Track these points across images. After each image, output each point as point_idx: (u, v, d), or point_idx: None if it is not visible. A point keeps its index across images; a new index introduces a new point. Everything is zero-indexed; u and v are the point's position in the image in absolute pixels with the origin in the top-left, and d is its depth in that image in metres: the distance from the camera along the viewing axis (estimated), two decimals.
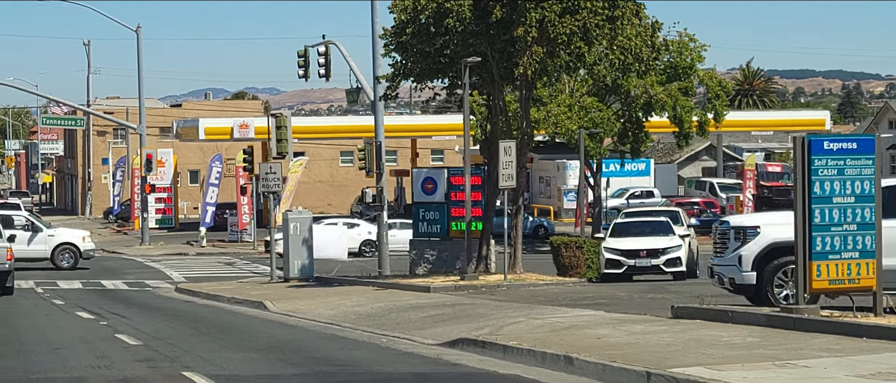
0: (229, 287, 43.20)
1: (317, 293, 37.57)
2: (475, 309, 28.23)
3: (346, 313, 30.23)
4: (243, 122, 79.00)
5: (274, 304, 33.81)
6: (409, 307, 30.14)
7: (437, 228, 44.60)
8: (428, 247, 44.80)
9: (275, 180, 46.25)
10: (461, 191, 43.36)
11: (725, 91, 71.05)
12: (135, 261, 61.10)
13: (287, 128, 46.36)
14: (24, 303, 37.46)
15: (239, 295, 37.80)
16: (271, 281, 45.33)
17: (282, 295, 37.31)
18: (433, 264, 44.61)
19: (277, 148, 46.22)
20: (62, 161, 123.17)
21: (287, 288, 41.06)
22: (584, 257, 43.32)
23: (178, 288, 44.29)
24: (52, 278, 50.01)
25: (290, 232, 44.22)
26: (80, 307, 35.36)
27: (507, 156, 36.79)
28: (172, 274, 52.40)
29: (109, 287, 46.43)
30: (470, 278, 36.47)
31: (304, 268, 44.10)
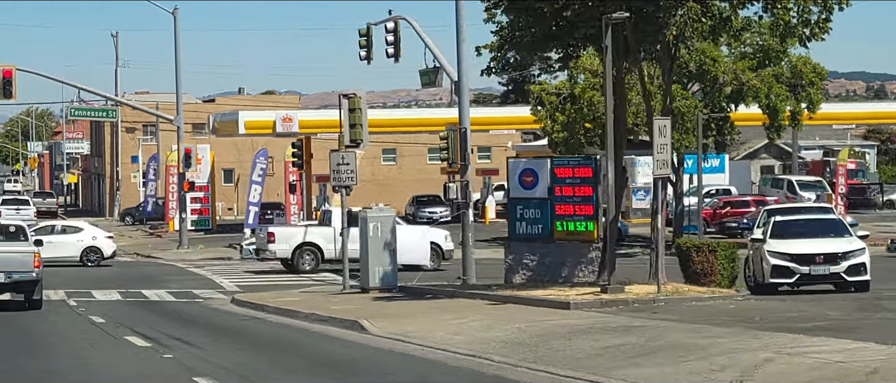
0: (298, 299, 35.49)
1: (416, 308, 29.82)
2: (665, 335, 20.53)
3: (481, 339, 22.48)
4: (286, 116, 71.22)
5: (374, 325, 26.03)
6: (566, 331, 22.40)
7: (538, 229, 36.76)
8: (527, 251, 36.98)
9: (348, 173, 38.48)
10: (567, 184, 35.78)
11: (821, 77, 63.02)
12: (174, 266, 53.35)
13: (361, 111, 38.54)
14: (56, 322, 29.80)
15: (320, 312, 30.02)
16: (344, 290, 37.61)
17: (373, 311, 29.53)
18: (533, 271, 36.83)
19: (350, 135, 38.40)
20: (88, 160, 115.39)
21: (372, 301, 33.30)
22: (717, 263, 35.49)
23: (235, 300, 36.56)
24: (86, 286, 42.33)
25: (369, 233, 36.46)
26: (128, 327, 27.64)
27: (661, 137, 29.05)
28: (222, 281, 44.64)
29: (153, 298, 38.71)
30: (614, 290, 28.62)
31: (386, 276, 36.36)
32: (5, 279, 32.39)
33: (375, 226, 36.51)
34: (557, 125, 61.83)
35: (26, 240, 33.62)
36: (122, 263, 55.39)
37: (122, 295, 39.34)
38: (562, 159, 38.48)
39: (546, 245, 36.55)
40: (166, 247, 65.64)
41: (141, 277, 46.84)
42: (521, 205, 37.02)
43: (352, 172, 38.46)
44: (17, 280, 32.54)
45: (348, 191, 38.93)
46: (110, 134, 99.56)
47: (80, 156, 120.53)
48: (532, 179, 37.16)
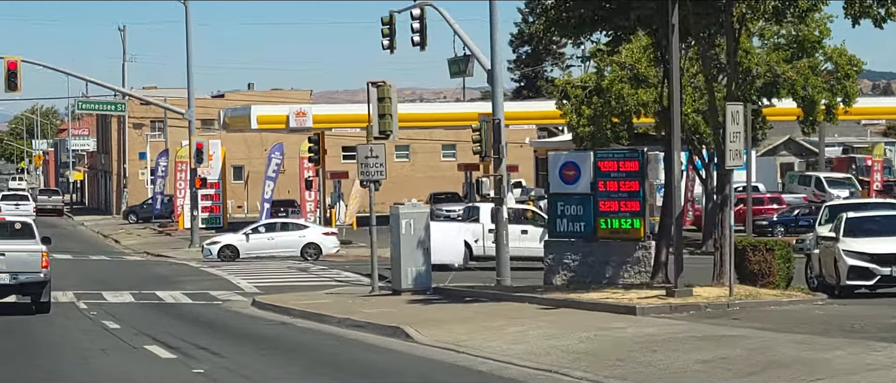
0: (325, 302, 32.69)
1: (460, 313, 26.99)
2: (772, 347, 17.82)
3: (547, 350, 19.67)
4: (300, 110, 68.33)
5: (420, 332, 23.19)
6: (644, 341, 19.59)
7: (581, 227, 33.96)
8: (568, 251, 34.17)
9: (377, 166, 35.67)
10: (612, 179, 33.09)
11: (857, 70, 60.06)
12: (187, 265, 50.49)
13: (391, 100, 35.72)
14: (66, 328, 27.01)
15: (354, 316, 27.18)
16: (373, 292, 34.81)
17: (412, 315, 26.71)
18: (575, 271, 34.01)
19: (380, 125, 35.58)
20: (94, 157, 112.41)
21: (406, 304, 30.48)
22: (775, 262, 32.67)
23: (257, 303, 33.74)
24: (96, 286, 39.54)
25: (401, 230, 33.65)
26: (146, 334, 24.85)
27: (734, 124, 26.28)
28: (239, 282, 41.80)
29: (168, 300, 35.88)
30: (682, 294, 25.73)
31: (419, 277, 33.53)
32: (11, 280, 29.62)
33: (408, 223, 33.71)
34: (584, 119, 58.89)
35: (33, 238, 30.80)
36: (132, 263, 52.61)
37: (134, 297, 36.54)
38: (606, 152, 35.65)
39: (589, 244, 33.81)
40: (177, 245, 62.80)
41: (154, 278, 44.05)
42: (562, 201, 34.25)
43: (381, 166, 35.67)
44: (23, 281, 29.77)
45: (377, 185, 36.15)
46: (117, 130, 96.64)
47: (86, 153, 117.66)
48: (574, 173, 34.38)
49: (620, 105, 56.71)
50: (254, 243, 53.62)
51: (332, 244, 54.19)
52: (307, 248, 53.62)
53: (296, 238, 54.13)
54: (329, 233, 54.99)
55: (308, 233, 54.56)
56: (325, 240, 54.18)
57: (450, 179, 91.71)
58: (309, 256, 53.11)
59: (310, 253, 53.48)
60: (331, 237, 54.66)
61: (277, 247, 53.65)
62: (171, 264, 51.94)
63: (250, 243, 53.47)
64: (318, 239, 54.09)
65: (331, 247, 53.92)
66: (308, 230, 54.90)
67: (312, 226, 55.92)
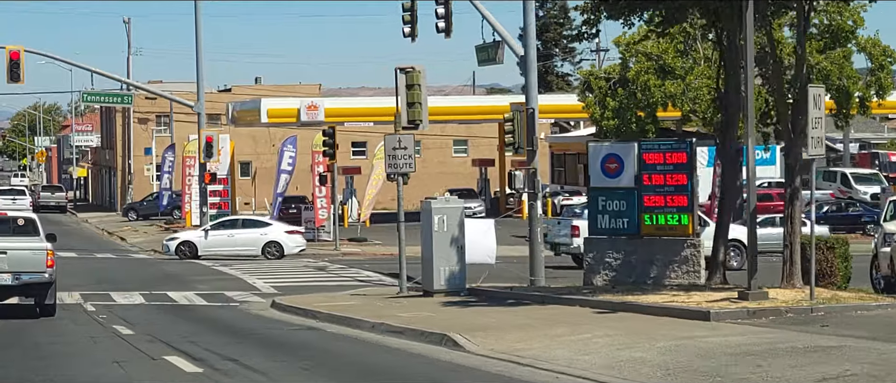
0: (352, 303, 30.06)
1: (508, 318, 24.33)
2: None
3: (624, 362, 17.06)
4: (312, 103, 65.72)
5: (471, 341, 20.54)
6: (736, 352, 17.01)
7: (624, 223, 31.38)
8: (610, 249, 31.56)
9: (405, 158, 33.06)
10: (658, 172, 30.59)
11: (892, 60, 57.38)
12: (198, 264, 47.77)
13: (421, 88, 33.09)
14: (74, 333, 24.37)
15: (391, 321, 24.52)
16: (401, 293, 32.21)
17: (455, 321, 24.07)
18: (617, 271, 31.43)
19: (409, 114, 32.96)
20: (98, 153, 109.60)
21: (442, 306, 27.84)
22: (836, 261, 30.06)
23: (277, 305, 31.08)
24: (103, 286, 36.92)
25: (433, 227, 30.98)
26: (163, 342, 22.22)
27: (816, 109, 23.61)
28: (255, 282, 39.14)
29: (182, 302, 33.25)
30: (756, 297, 23.06)
31: (453, 277, 30.87)
32: (13, 281, 26.97)
33: (441, 220, 31.06)
34: (609, 112, 56.23)
35: (37, 235, 28.16)
36: (139, 261, 49.97)
37: (145, 297, 33.91)
38: (652, 143, 33.01)
39: (632, 241, 31.25)
40: None
41: (163, 277, 41.40)
42: (604, 195, 31.64)
43: (410, 157, 33.08)
44: (27, 282, 27.13)
45: (405, 179, 33.53)
46: (122, 125, 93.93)
47: (90, 149, 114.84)
48: (617, 166, 31.76)
49: (647, 97, 54.09)
50: (213, 240, 51.08)
51: (294, 243, 51.24)
52: (268, 247, 50.81)
53: (257, 236, 51.36)
54: (293, 232, 52.15)
55: (270, 231, 51.68)
56: (288, 238, 51.27)
57: (461, 176, 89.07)
58: (270, 255, 50.40)
59: (271, 252, 50.65)
60: (295, 236, 51.79)
61: (237, 246, 50.90)
62: (180, 262, 49.29)
63: (209, 240, 50.89)
64: (281, 237, 51.22)
65: (293, 247, 51.00)
66: (270, 228, 52.05)
67: (275, 223, 53.09)
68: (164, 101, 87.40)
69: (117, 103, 67.19)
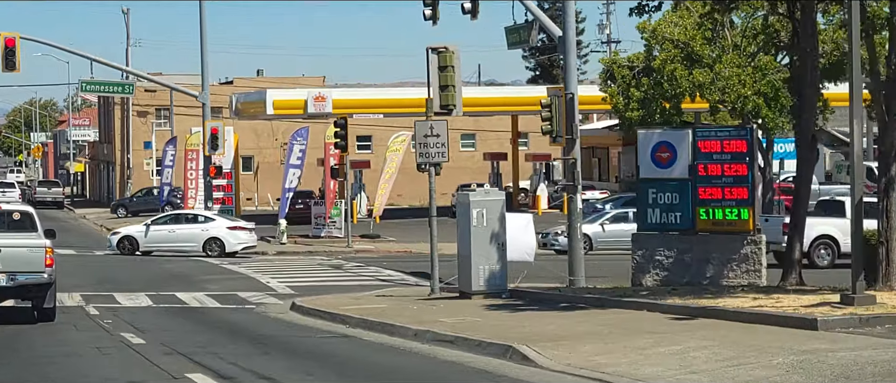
0: (381, 306, 26.94)
1: (571, 325, 21.19)
2: None
3: (743, 381, 13.92)
4: (319, 94, 62.42)
5: (542, 354, 17.42)
6: (880, 369, 13.84)
7: (676, 217, 28.46)
8: (661, 246, 28.61)
9: (438, 147, 29.97)
10: (715, 162, 27.74)
11: None
12: (204, 262, 44.54)
13: (454, 69, 29.96)
14: (78, 342, 21.23)
15: (434, 328, 21.38)
16: (433, 294, 29.10)
17: (509, 328, 20.98)
18: (669, 270, 28.48)
19: (441, 99, 29.83)
20: (96, 147, 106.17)
21: (486, 310, 24.74)
22: None
23: (298, 307, 27.93)
24: (105, 286, 33.77)
25: (471, 222, 27.83)
26: (180, 353, 19.11)
27: None
28: (269, 281, 35.96)
29: (193, 304, 30.09)
30: (863, 301, 19.92)
31: (493, 277, 27.73)
32: (8, 281, 23.87)
33: (480, 213, 27.90)
34: (633, 102, 52.96)
35: (35, 231, 25.00)
36: (142, 259, 46.76)
37: (152, 299, 30.74)
38: (707, 130, 29.99)
39: (686, 237, 28.25)
40: None
41: (169, 276, 38.22)
42: (655, 187, 28.67)
43: (443, 146, 30.00)
44: (23, 283, 24.01)
45: (438, 169, 30.39)
46: (121, 118, 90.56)
47: (87, 144, 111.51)
48: (669, 155, 28.78)
49: (673, 87, 50.90)
50: (153, 236, 48.14)
51: (237, 240, 48.01)
52: (210, 243, 47.74)
53: (198, 231, 48.24)
54: (237, 228, 48.86)
55: (212, 226, 48.55)
56: (230, 235, 48.06)
57: (469, 170, 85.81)
58: (211, 252, 47.33)
59: (212, 248, 47.56)
60: (239, 232, 48.49)
61: (178, 241, 48.02)
62: (185, 260, 46.09)
63: (150, 236, 47.94)
64: (223, 233, 48.03)
65: (236, 244, 47.85)
66: (213, 223, 48.91)
67: (219, 218, 49.89)
68: (164, 94, 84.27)
69: (118, 93, 63.95)
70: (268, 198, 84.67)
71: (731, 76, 48.84)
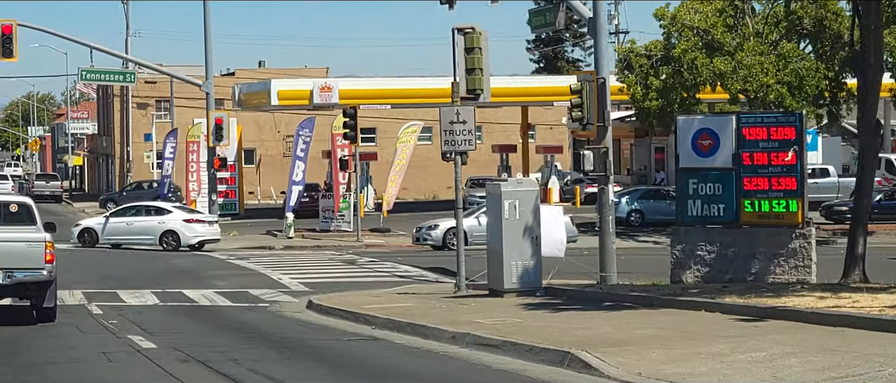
0: (407, 305, 24.88)
1: (625, 326, 19.08)
2: None
3: None
4: (325, 84, 60.28)
5: (605, 361, 15.33)
6: None
7: (719, 210, 26.50)
8: (703, 240, 26.63)
9: (465, 134, 27.80)
10: (761, 150, 25.90)
11: None
12: (212, 257, 42.41)
13: (482, 51, 27.85)
14: (81, 347, 19.13)
15: (475, 331, 19.26)
16: (460, 292, 27.05)
17: (559, 330, 18.89)
18: (711, 266, 26.54)
19: (468, 83, 27.71)
20: (95, 140, 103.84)
21: (525, 310, 22.66)
22: None
23: (316, 306, 25.85)
24: (107, 283, 31.68)
25: (504, 214, 25.70)
26: (196, 359, 17.03)
27: None
28: (281, 277, 33.84)
29: (202, 302, 27.97)
30: None
31: (526, 273, 25.63)
32: (4, 279, 21.80)
33: (512, 205, 25.78)
34: (652, 92, 50.93)
35: (34, 224, 22.91)
36: (144, 253, 44.63)
37: (158, 297, 28.63)
38: (753, 116, 27.90)
39: (729, 231, 26.24)
40: None
41: (175, 271, 36.10)
42: (696, 177, 26.67)
43: (469, 133, 27.81)
44: (21, 280, 21.92)
45: (464, 158, 28.26)
46: (120, 110, 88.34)
47: (86, 137, 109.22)
48: (711, 143, 26.78)
49: (694, 76, 48.82)
50: (112, 228, 46.66)
51: (193, 233, 46.42)
52: (166, 236, 46.26)
53: (155, 224, 46.73)
54: (193, 220, 47.26)
55: (168, 219, 47.03)
56: (186, 228, 46.51)
57: (475, 163, 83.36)
58: (168, 245, 45.89)
59: (169, 242, 46.10)
60: (195, 225, 46.89)
61: (135, 234, 46.52)
62: (190, 255, 44.00)
63: (108, 228, 46.53)
64: (178, 226, 46.48)
65: (191, 237, 46.28)
66: (169, 216, 47.39)
67: (176, 211, 48.38)
68: (164, 86, 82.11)
69: (119, 81, 61.72)
70: (271, 191, 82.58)
71: (754, 64, 46.81)
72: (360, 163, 59.08)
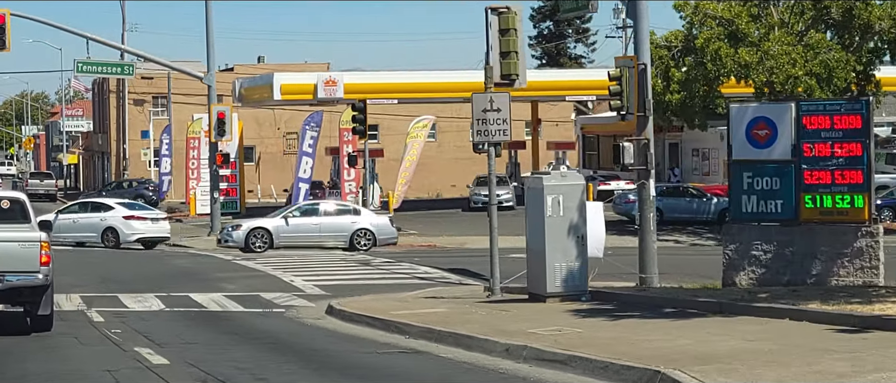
0: (438, 311, 22.39)
1: (704, 338, 16.55)
2: None
3: None
4: (330, 78, 57.60)
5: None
6: None
7: (777, 206, 24.10)
8: (757, 239, 24.24)
9: (499, 123, 25.27)
10: (823, 140, 23.83)
11: None
12: (216, 258, 39.80)
13: (517, 33, 25.31)
14: (80, 360, 16.66)
15: (534, 343, 16.73)
16: (494, 296, 24.54)
17: (628, 341, 16.35)
18: (767, 267, 24.18)
19: (503, 67, 25.18)
20: (90, 138, 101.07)
21: (577, 317, 20.12)
22: None
23: (337, 311, 23.32)
24: (107, 286, 29.10)
25: (546, 211, 23.12)
26: (217, 378, 14.43)
27: None
28: (292, 279, 31.22)
29: (212, 307, 25.39)
30: None
31: (571, 276, 23.06)
32: None
33: (556, 201, 23.21)
34: (674, 84, 48.42)
35: (27, 222, 20.36)
36: (144, 254, 42.08)
37: (163, 301, 26.05)
38: (815, 103, 25.44)
39: (787, 228, 23.80)
40: (193, 233, 51.98)
41: (179, 273, 33.49)
42: (751, 171, 24.27)
43: (504, 122, 25.25)
44: (14, 285, 19.37)
45: (498, 150, 25.73)
46: (116, 107, 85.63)
47: (81, 135, 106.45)
48: (767, 133, 24.38)
49: (718, 67, 46.30)
50: (59, 225, 44.41)
51: (131, 231, 44.75)
52: (107, 233, 44.70)
53: (97, 221, 45.10)
54: (134, 217, 45.39)
55: (109, 216, 45.28)
56: (124, 224, 44.80)
57: (480, 161, 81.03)
58: (108, 242, 44.36)
59: (109, 238, 44.57)
60: (134, 221, 45.11)
61: (80, 231, 44.98)
62: (192, 255, 41.42)
63: (56, 225, 44.03)
64: (118, 223, 44.76)
65: (130, 235, 44.64)
66: (111, 213, 45.67)
67: (118, 208, 46.49)
68: (161, 81, 79.52)
69: (117, 74, 58.95)
70: (271, 190, 79.96)
71: (781, 55, 44.34)
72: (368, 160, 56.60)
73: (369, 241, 42.92)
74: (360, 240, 42.93)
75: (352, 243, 42.76)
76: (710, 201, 53.31)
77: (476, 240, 46.41)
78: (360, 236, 42.98)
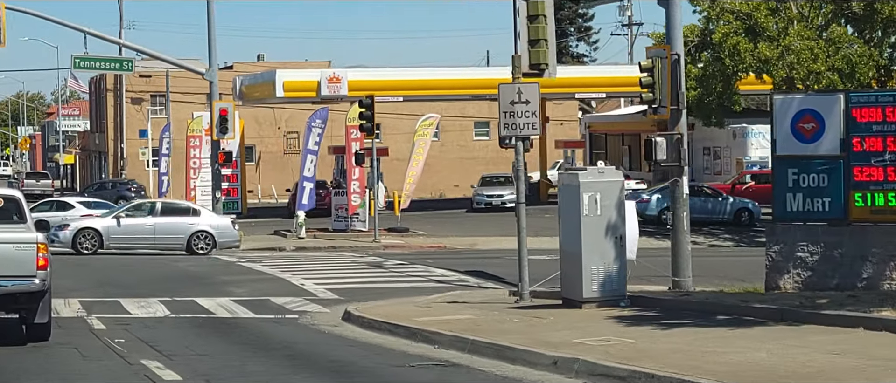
0: (466, 317, 20.66)
1: (778, 350, 14.85)
2: None
3: None
4: (333, 75, 55.88)
5: None
6: None
7: (824, 205, 22.45)
8: (803, 240, 22.54)
9: (528, 116, 23.54)
10: (875, 134, 22.69)
11: None
12: (220, 260, 37.94)
13: (547, 20, 23.57)
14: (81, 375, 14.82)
15: (585, 356, 15.00)
16: (522, 301, 22.81)
17: (694, 356, 14.65)
18: (814, 270, 22.50)
19: (531, 56, 23.47)
20: (87, 138, 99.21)
21: (621, 325, 18.40)
22: None
23: (355, 317, 21.58)
24: (108, 291, 27.33)
25: (582, 210, 21.35)
26: None
27: None
28: (303, 283, 29.40)
29: (221, 313, 23.61)
30: None
31: (609, 279, 21.29)
32: None
33: (592, 199, 21.45)
34: (690, 80, 46.56)
35: (23, 222, 18.61)
36: (145, 256, 40.26)
37: (168, 307, 24.27)
38: (865, 95, 23.71)
39: (836, 228, 22.12)
40: None
41: (183, 277, 31.69)
42: (796, 167, 22.60)
43: (533, 114, 23.53)
44: (10, 290, 17.64)
45: (527, 144, 24.03)
46: (114, 106, 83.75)
47: (78, 135, 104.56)
48: (814, 127, 22.71)
49: (736, 63, 44.60)
50: None
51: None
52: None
53: (58, 220, 43.18)
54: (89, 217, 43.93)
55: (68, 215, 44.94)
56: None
57: (483, 160, 79.63)
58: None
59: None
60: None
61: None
62: (197, 258, 39.61)
63: None
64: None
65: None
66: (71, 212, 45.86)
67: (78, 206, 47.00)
68: (159, 80, 77.74)
69: (115, 70, 57.06)
70: (271, 190, 78.23)
71: (803, 49, 42.62)
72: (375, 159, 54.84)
73: (209, 245, 40.19)
74: (199, 243, 40.27)
75: (189, 246, 40.26)
76: (726, 201, 51.76)
77: (486, 241, 44.74)
78: (199, 239, 40.34)
